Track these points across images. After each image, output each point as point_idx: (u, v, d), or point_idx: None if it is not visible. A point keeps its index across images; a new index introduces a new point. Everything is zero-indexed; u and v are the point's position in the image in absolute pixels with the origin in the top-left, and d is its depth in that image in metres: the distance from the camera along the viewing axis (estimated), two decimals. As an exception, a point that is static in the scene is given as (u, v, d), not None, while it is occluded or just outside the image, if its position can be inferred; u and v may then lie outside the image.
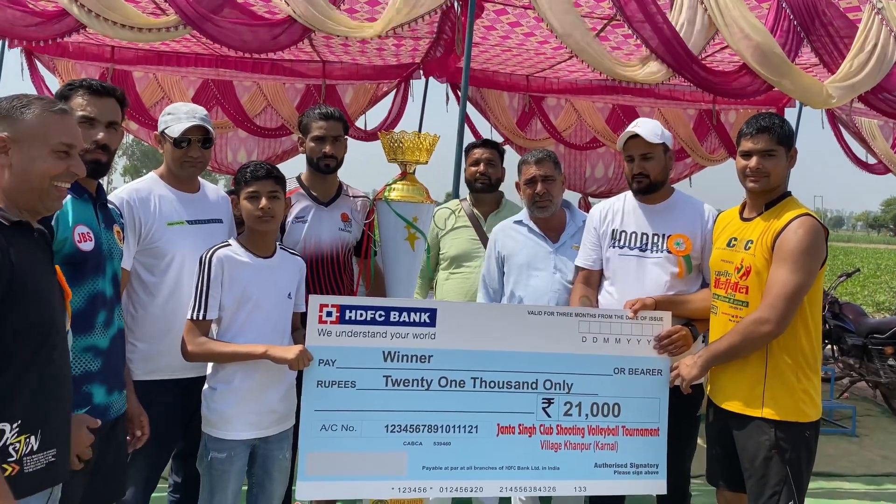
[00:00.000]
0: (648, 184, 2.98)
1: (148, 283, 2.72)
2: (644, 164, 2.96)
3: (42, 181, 1.77)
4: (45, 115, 1.78)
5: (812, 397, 2.64)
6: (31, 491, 1.70)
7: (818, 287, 2.67)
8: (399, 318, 2.64)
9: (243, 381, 2.57)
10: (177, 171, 2.82)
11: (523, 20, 5.12)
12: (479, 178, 3.69)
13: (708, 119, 7.28)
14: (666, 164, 3.01)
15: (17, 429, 1.71)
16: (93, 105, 2.31)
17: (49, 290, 1.81)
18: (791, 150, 2.73)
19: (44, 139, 1.77)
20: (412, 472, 2.63)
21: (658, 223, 3.00)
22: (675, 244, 2.95)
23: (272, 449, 2.66)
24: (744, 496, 2.75)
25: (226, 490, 2.58)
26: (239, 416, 2.57)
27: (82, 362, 2.18)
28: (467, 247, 3.63)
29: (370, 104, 6.91)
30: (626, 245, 3.01)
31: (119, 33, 3.94)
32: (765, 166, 2.67)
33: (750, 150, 2.69)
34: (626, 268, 2.99)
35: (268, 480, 2.68)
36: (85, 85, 2.32)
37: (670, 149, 3.03)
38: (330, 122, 3.11)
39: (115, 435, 2.36)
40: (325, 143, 3.10)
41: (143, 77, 6.65)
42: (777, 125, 2.68)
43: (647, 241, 2.99)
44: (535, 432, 2.71)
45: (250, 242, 2.65)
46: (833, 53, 4.13)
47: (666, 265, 2.94)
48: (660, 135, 2.96)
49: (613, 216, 3.09)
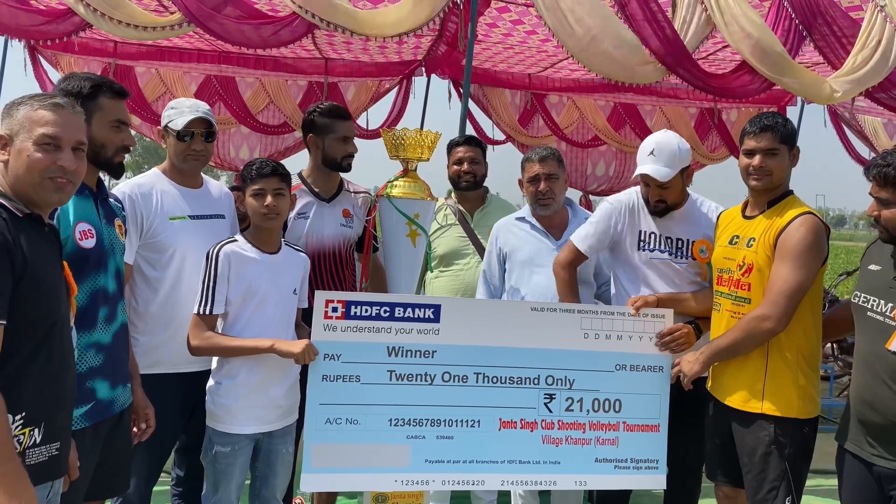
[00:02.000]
0: (665, 207, 2.96)
1: (150, 278, 2.73)
2: (661, 192, 2.93)
3: (31, 175, 1.78)
4: (31, 111, 1.80)
5: (811, 394, 2.66)
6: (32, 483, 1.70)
7: (818, 285, 2.69)
8: (404, 313, 2.65)
9: (248, 375, 2.59)
10: (180, 164, 2.83)
11: (525, 18, 5.12)
12: (464, 177, 3.65)
13: (709, 118, 7.28)
14: (684, 186, 2.98)
15: (22, 421, 1.72)
16: (120, 108, 2.35)
17: (58, 284, 1.83)
18: (793, 150, 2.74)
19: (28, 133, 1.79)
20: (415, 465, 2.64)
21: (679, 229, 2.98)
22: (700, 251, 2.95)
23: (276, 443, 2.68)
24: (742, 491, 2.77)
25: (229, 483, 2.60)
26: (243, 411, 2.59)
27: (86, 358, 2.19)
28: (456, 245, 3.63)
29: (372, 101, 6.91)
30: (657, 248, 2.99)
31: (125, 32, 3.96)
32: (768, 165, 2.68)
33: (753, 148, 2.70)
34: (659, 272, 2.97)
35: (271, 474, 2.70)
36: (109, 86, 2.34)
37: (689, 166, 2.98)
38: (348, 123, 3.19)
39: (121, 428, 2.37)
40: (349, 143, 3.16)
41: (145, 72, 6.65)
42: (780, 124, 2.69)
43: (673, 246, 2.98)
44: (536, 427, 2.72)
45: (256, 238, 2.67)
46: (838, 51, 4.13)
47: (691, 270, 2.96)
48: (675, 165, 2.88)
49: (639, 218, 3.03)
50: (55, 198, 1.84)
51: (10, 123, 1.80)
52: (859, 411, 2.43)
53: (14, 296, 1.67)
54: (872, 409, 2.38)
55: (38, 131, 1.79)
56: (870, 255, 2.56)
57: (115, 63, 6.27)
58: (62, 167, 1.81)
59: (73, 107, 1.89)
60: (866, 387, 2.40)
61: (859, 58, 4.11)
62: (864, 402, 2.41)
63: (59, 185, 1.82)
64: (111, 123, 2.32)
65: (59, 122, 1.81)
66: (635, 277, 3.02)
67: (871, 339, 2.42)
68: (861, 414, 2.42)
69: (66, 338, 1.87)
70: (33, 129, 1.79)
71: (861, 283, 2.52)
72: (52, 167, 1.80)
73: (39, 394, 1.76)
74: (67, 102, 1.88)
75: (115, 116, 2.34)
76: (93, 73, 2.40)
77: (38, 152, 1.79)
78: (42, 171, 1.79)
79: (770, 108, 6.70)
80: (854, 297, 2.52)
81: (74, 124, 1.86)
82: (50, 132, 1.80)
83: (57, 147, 1.81)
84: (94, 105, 2.28)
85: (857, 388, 2.45)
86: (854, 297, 2.52)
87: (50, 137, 1.80)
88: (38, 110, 1.80)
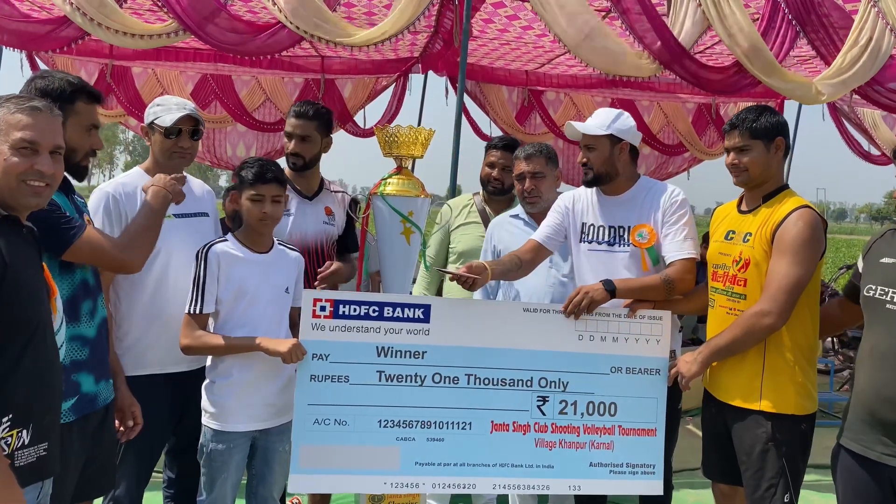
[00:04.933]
0: (593, 175, 2.89)
1: (134, 277, 2.71)
2: (587, 153, 2.89)
3: (8, 179, 1.77)
4: (8, 113, 1.78)
5: (808, 390, 2.64)
6: (21, 485, 1.70)
7: (816, 279, 2.66)
8: (393, 313, 2.63)
9: (241, 373, 2.60)
10: (165, 162, 2.81)
11: (521, 13, 5.10)
12: (493, 182, 3.64)
13: (707, 113, 7.26)
14: (612, 156, 2.86)
15: (9, 423, 1.72)
16: (94, 113, 2.35)
17: (38, 286, 1.82)
18: (774, 141, 2.69)
19: (5, 136, 1.77)
20: (405, 468, 2.62)
21: (621, 215, 2.90)
22: (638, 236, 2.85)
23: (272, 441, 2.69)
24: (740, 489, 2.75)
25: (225, 482, 2.61)
26: (237, 409, 2.61)
27: (70, 351, 2.18)
28: (476, 244, 3.60)
29: (369, 99, 6.90)
30: (595, 240, 2.93)
31: (121, 40, 4.00)
32: (741, 161, 2.68)
33: (727, 146, 2.74)
34: (593, 263, 2.91)
35: (268, 472, 2.71)
36: (87, 91, 2.33)
37: (623, 140, 2.86)
38: (300, 121, 3.14)
39: (106, 426, 2.38)
40: (291, 141, 3.14)
41: (142, 73, 6.65)
42: (749, 119, 2.67)
43: (614, 235, 2.90)
44: (529, 430, 2.69)
45: (248, 239, 2.69)
46: (829, 46, 4.11)
47: (632, 259, 2.86)
48: (606, 126, 2.85)
49: (584, 209, 2.99)
50: (32, 201, 1.83)
51: None
52: (874, 409, 2.33)
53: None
54: (894, 407, 2.29)
55: (15, 135, 1.77)
56: (878, 249, 2.50)
57: (112, 64, 6.26)
58: (39, 171, 1.80)
59: (52, 110, 1.86)
60: (887, 384, 2.30)
61: (847, 57, 4.09)
62: (883, 399, 2.31)
63: (35, 189, 1.81)
64: (85, 128, 2.31)
65: (37, 126, 1.80)
66: (576, 270, 3.00)
67: (891, 331, 2.33)
68: (877, 412, 2.32)
69: (50, 339, 1.86)
70: (10, 133, 1.77)
71: (873, 277, 2.44)
72: (30, 171, 1.79)
73: (26, 396, 1.75)
74: (46, 106, 1.85)
75: (90, 121, 2.33)
76: (71, 75, 2.38)
77: (15, 156, 1.77)
78: (19, 176, 1.77)
79: (769, 102, 6.67)
80: (867, 290, 2.43)
81: (52, 128, 1.84)
82: (27, 136, 1.78)
83: (34, 151, 1.79)
84: (71, 109, 2.27)
85: (874, 384, 2.35)
86: (867, 290, 2.43)
87: (27, 142, 1.78)
88: (14, 114, 1.78)
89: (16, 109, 1.79)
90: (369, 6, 5.02)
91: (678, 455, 3.05)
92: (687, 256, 2.79)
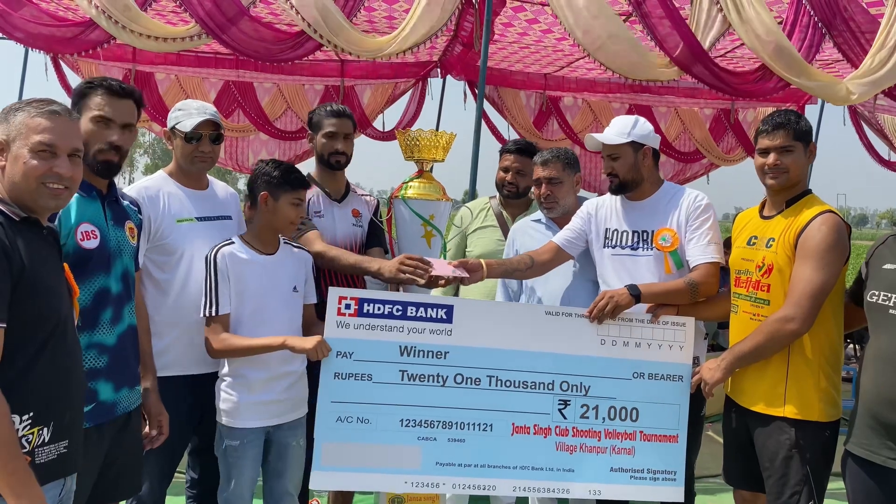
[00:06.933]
0: (619, 183, 2.93)
1: (158, 280, 2.74)
2: (612, 163, 2.92)
3: (27, 181, 1.80)
4: (28, 117, 1.81)
5: (833, 397, 2.62)
6: (41, 481, 1.72)
7: (840, 285, 2.64)
8: (416, 312, 2.64)
9: (251, 371, 2.64)
10: (187, 166, 2.83)
11: (541, 17, 5.11)
12: (507, 186, 3.64)
13: (725, 118, 7.21)
14: (636, 163, 2.91)
15: (30, 421, 1.74)
16: (111, 106, 2.31)
17: (58, 286, 1.85)
18: (809, 146, 2.71)
19: (24, 139, 1.80)
20: (426, 467, 2.63)
21: (644, 219, 2.93)
22: (661, 239, 2.87)
23: (286, 436, 2.72)
24: (761, 496, 2.73)
25: (241, 477, 2.65)
26: (248, 406, 2.65)
27: (87, 359, 2.18)
28: (493, 248, 3.61)
29: (388, 103, 6.92)
30: (619, 244, 2.95)
31: (145, 44, 4.05)
32: (783, 162, 2.65)
33: (767, 147, 2.68)
34: (617, 267, 2.93)
35: (283, 467, 2.73)
36: (105, 85, 2.33)
37: (645, 145, 2.91)
38: (341, 120, 3.17)
39: (128, 430, 2.37)
40: (337, 140, 3.14)
41: (164, 79, 6.71)
42: (793, 121, 2.67)
43: (638, 239, 2.93)
44: (550, 433, 2.69)
45: (256, 240, 2.72)
46: (856, 49, 4.07)
47: (656, 263, 2.88)
48: (626, 133, 2.89)
49: (607, 215, 3.02)
50: (52, 204, 1.86)
51: (7, 129, 1.81)
52: (878, 413, 2.34)
53: (13, 299, 1.69)
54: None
55: (34, 138, 1.80)
56: (881, 255, 2.50)
57: (135, 69, 6.33)
58: (58, 174, 1.82)
59: (70, 114, 1.90)
60: (891, 387, 2.31)
61: (877, 58, 4.05)
62: (887, 403, 2.32)
63: (54, 192, 1.84)
64: (93, 119, 2.29)
65: (55, 129, 1.82)
66: (599, 274, 3.01)
67: (894, 336, 2.33)
68: (881, 416, 2.34)
69: (71, 337, 1.88)
70: (29, 136, 1.80)
71: (877, 283, 2.44)
72: (48, 174, 1.81)
73: (46, 394, 1.78)
74: (64, 109, 1.88)
75: (99, 112, 2.30)
76: (103, 77, 2.41)
77: (34, 159, 1.80)
78: (38, 178, 1.80)
79: (790, 106, 6.62)
80: (870, 296, 2.44)
81: (70, 131, 1.87)
82: (46, 140, 1.81)
83: (53, 154, 1.82)
84: (83, 104, 2.30)
85: (878, 388, 2.37)
86: (870, 296, 2.44)
87: (46, 145, 1.81)
88: (34, 117, 1.81)
89: (35, 113, 1.82)
90: (389, 11, 5.05)
91: (698, 461, 3.03)
92: (711, 260, 2.80)
